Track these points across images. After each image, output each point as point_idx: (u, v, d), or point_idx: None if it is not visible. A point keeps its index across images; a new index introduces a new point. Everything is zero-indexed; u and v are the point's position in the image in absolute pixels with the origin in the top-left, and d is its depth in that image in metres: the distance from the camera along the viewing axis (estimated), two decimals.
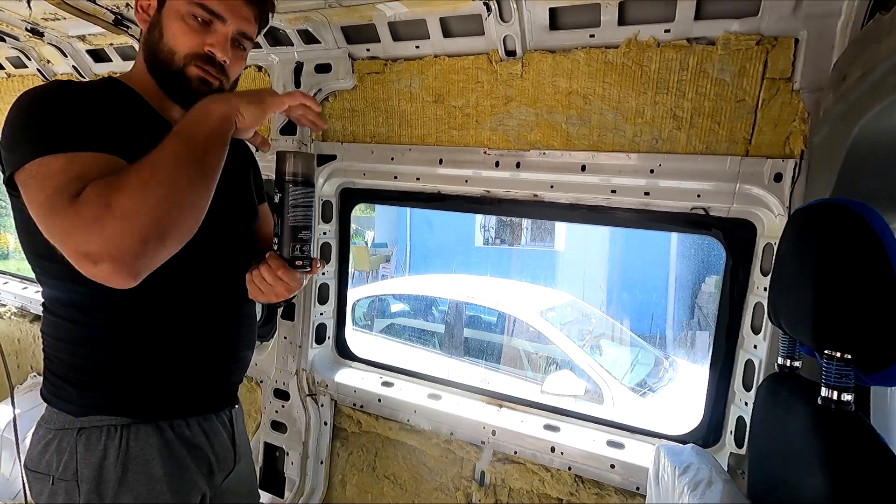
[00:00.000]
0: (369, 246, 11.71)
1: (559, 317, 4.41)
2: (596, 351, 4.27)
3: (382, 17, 1.55)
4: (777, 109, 1.24)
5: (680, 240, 8.02)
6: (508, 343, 4.45)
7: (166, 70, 1.00)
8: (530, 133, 1.52)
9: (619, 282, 8.15)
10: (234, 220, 1.15)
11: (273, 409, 2.04)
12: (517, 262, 9.13)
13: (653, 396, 3.71)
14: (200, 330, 1.07)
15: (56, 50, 2.23)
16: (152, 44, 1.00)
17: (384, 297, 5.31)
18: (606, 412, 3.53)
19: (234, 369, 1.17)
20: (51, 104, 0.87)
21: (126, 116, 0.95)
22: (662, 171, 1.38)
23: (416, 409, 1.80)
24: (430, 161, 1.68)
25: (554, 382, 3.56)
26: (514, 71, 1.49)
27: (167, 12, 0.99)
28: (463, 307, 4.58)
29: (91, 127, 0.86)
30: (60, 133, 0.83)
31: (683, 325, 7.72)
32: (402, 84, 1.67)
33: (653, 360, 4.35)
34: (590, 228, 8.34)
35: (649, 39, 1.33)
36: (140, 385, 1.01)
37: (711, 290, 8.21)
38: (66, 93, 0.89)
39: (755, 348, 1.36)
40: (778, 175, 1.25)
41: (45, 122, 0.84)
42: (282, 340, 2.00)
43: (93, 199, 0.77)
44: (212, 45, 0.99)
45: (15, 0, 1.81)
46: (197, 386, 1.09)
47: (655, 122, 1.37)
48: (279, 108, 1.03)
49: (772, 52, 1.22)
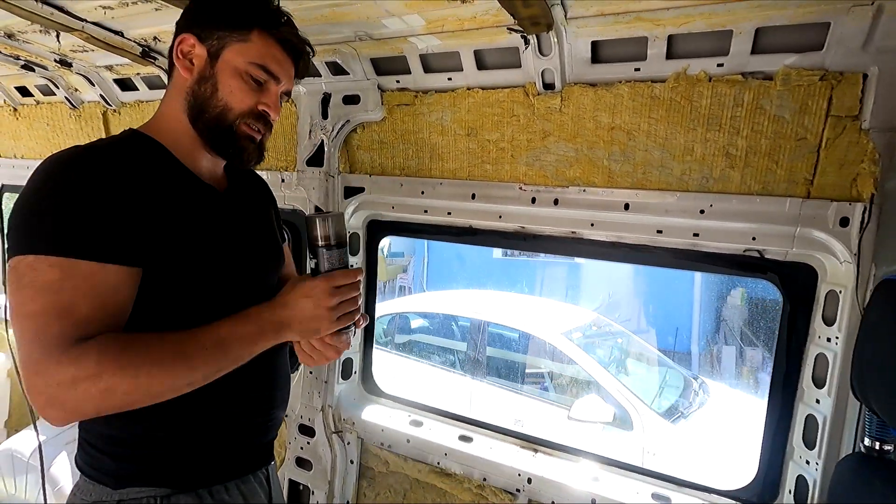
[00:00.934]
0: (385, 255, 11.71)
1: (583, 337, 4.30)
2: (622, 372, 4.15)
3: (414, 50, 1.50)
4: (843, 149, 1.15)
5: None
6: (532, 363, 4.35)
7: (217, 125, 0.98)
8: (569, 169, 1.44)
9: (642, 294, 7.98)
10: (265, 271, 1.13)
11: (298, 445, 1.98)
12: (537, 276, 9.02)
13: (684, 422, 3.57)
14: (237, 391, 1.02)
15: (84, 79, 2.23)
16: (202, 97, 0.97)
17: (404, 314, 5.25)
18: (637, 438, 3.41)
19: (270, 427, 1.13)
20: (63, 190, 0.80)
21: (152, 183, 0.89)
22: (714, 212, 1.29)
23: (447, 452, 1.73)
24: (463, 196, 1.61)
25: (581, 408, 3.45)
26: (553, 105, 1.43)
27: (222, 67, 0.96)
28: (484, 326, 4.49)
29: (104, 221, 0.81)
30: (63, 231, 0.79)
31: (709, 340, 7.51)
32: (433, 116, 1.62)
33: (682, 382, 4.20)
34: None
35: (700, 73, 1.25)
36: (178, 453, 0.97)
37: (737, 303, 7.99)
38: (83, 175, 0.82)
39: (818, 403, 1.26)
40: (844, 219, 1.16)
41: (49, 213, 0.79)
42: (308, 375, 1.95)
43: (86, 364, 0.76)
44: (266, 105, 0.99)
45: (45, 34, 1.81)
46: (235, 449, 1.05)
47: (706, 160, 1.29)
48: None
49: (837, 88, 1.14)
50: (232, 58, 0.96)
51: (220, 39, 0.96)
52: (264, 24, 0.98)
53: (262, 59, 0.97)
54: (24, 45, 1.95)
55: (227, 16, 0.97)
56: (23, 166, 2.81)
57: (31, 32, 1.81)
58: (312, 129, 1.81)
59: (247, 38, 0.97)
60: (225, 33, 0.96)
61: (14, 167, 2.86)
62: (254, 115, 0.99)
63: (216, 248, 0.98)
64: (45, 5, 1.52)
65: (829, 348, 1.24)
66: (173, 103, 1.00)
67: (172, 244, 0.89)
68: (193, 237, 0.93)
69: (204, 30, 0.97)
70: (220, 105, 0.97)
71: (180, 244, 0.91)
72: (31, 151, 2.76)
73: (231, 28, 0.96)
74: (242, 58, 0.96)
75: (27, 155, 2.79)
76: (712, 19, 1.15)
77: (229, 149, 1.01)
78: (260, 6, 0.99)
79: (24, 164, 2.80)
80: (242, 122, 0.99)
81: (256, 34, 0.97)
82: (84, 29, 1.66)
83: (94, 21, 1.64)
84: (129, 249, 0.83)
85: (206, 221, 0.98)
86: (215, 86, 0.96)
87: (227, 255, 1.00)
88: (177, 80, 1.00)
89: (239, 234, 1.06)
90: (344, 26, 1.46)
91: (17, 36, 1.86)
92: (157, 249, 0.87)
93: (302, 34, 1.06)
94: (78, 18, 1.61)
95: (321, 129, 1.79)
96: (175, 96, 1.00)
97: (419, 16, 1.33)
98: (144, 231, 0.85)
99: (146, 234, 0.85)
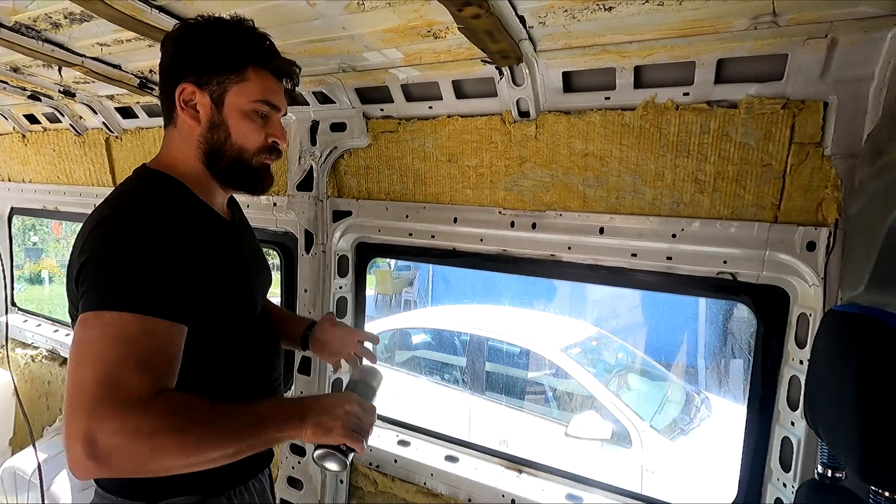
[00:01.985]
0: (392, 269, 11.75)
1: (583, 353, 4.28)
2: (623, 388, 4.12)
3: (395, 80, 1.56)
4: (807, 175, 1.18)
5: None
6: (531, 379, 4.34)
7: (236, 166, 1.03)
8: (546, 194, 1.48)
9: (645, 308, 7.92)
10: (265, 293, 1.24)
11: (290, 464, 2.01)
12: (539, 290, 8.98)
13: (684, 440, 3.53)
14: (253, 389, 1.09)
15: (87, 108, 2.32)
16: (217, 143, 1.01)
17: (405, 329, 5.27)
18: (636, 456, 3.38)
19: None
20: (141, 250, 0.85)
21: (197, 235, 0.95)
22: (685, 236, 1.32)
23: (433, 473, 1.75)
24: (445, 219, 1.65)
25: (579, 425, 3.43)
26: (528, 132, 1.47)
27: (229, 111, 1.00)
28: (484, 342, 4.49)
29: (173, 283, 0.86)
30: (146, 291, 0.83)
31: (715, 353, 7.42)
32: (415, 143, 1.67)
33: (683, 398, 4.16)
34: None
35: (667, 102, 1.28)
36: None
37: (744, 316, 7.88)
38: (155, 236, 0.87)
39: (792, 425, 1.27)
40: (811, 244, 1.18)
41: (132, 272, 0.83)
42: (298, 395, 1.98)
43: (152, 419, 0.77)
44: (274, 136, 1.05)
45: (48, 68, 1.90)
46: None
47: (676, 185, 1.31)
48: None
49: (799, 115, 1.16)
50: (236, 100, 0.99)
51: (219, 84, 0.99)
52: (255, 58, 1.01)
53: (263, 95, 1.01)
54: (29, 78, 2.04)
55: (220, 59, 0.99)
56: (31, 190, 2.91)
57: (35, 66, 1.90)
58: (302, 155, 1.87)
59: (244, 78, 1.00)
60: (223, 77, 0.99)
61: (23, 191, 2.96)
62: (266, 149, 1.05)
63: (242, 280, 1.07)
64: (46, 43, 1.60)
65: (801, 370, 1.24)
66: (185, 149, 1.03)
67: (210, 294, 0.95)
68: (226, 282, 1.00)
69: (201, 76, 0.99)
70: (235, 149, 1.02)
71: (216, 290, 0.97)
72: (38, 175, 2.86)
73: (226, 70, 0.99)
74: (246, 98, 1.00)
75: (34, 179, 2.88)
76: (675, 51, 1.18)
77: (250, 183, 1.07)
78: (246, 41, 1.02)
79: (31, 188, 2.90)
80: (258, 158, 1.05)
81: (251, 71, 1.01)
82: (84, 63, 1.74)
83: (92, 56, 1.71)
84: (188, 309, 0.88)
85: (232, 255, 1.06)
86: (227, 131, 1.00)
87: (249, 283, 1.10)
88: (182, 128, 1.02)
89: (251, 262, 1.16)
90: (328, 59, 1.52)
91: (23, 70, 1.96)
92: (205, 304, 0.93)
93: (285, 54, 1.10)
94: (77, 54, 1.69)
95: (310, 155, 1.85)
96: (184, 143, 1.03)
97: (397, 50, 1.39)
98: (196, 289, 0.90)
99: (196, 293, 0.91)
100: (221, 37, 1.00)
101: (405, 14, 1.19)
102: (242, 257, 1.12)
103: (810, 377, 0.83)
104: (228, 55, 0.99)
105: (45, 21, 1.47)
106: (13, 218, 3.19)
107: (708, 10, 1.04)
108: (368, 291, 2.06)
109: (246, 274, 1.11)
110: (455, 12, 1.09)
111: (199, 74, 0.99)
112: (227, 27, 1.02)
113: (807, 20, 1.02)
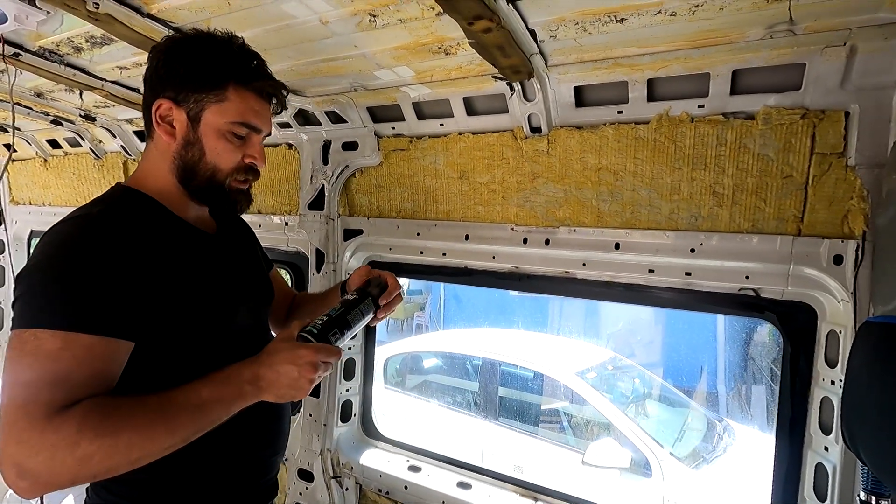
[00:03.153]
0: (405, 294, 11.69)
1: (599, 377, 4.17)
2: (641, 414, 3.98)
3: (406, 98, 1.56)
4: (831, 186, 1.14)
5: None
6: (545, 405, 4.22)
7: (209, 186, 1.00)
8: (559, 210, 1.45)
9: (663, 331, 7.74)
10: (258, 307, 1.18)
11: (297, 490, 1.95)
12: (553, 312, 8.85)
13: (707, 468, 3.38)
14: (244, 429, 1.02)
15: (107, 132, 2.37)
16: (190, 162, 0.98)
17: (417, 353, 5.20)
18: (657, 486, 3.23)
19: (274, 462, 1.15)
20: (67, 264, 0.83)
21: (151, 245, 0.92)
22: (704, 251, 1.28)
23: (445, 500, 1.68)
24: (456, 237, 1.63)
25: (596, 452, 3.30)
26: (540, 147, 1.45)
27: (205, 130, 0.97)
28: (497, 366, 4.41)
29: (105, 298, 0.83)
30: (67, 307, 0.81)
31: (736, 378, 7.19)
32: (427, 160, 1.66)
33: (705, 425, 4.01)
34: None
35: (682, 115, 1.26)
36: (196, 492, 1.00)
37: (766, 340, 7.66)
38: (86, 250, 0.84)
39: (826, 451, 1.19)
40: (838, 257, 1.13)
41: (56, 288, 0.81)
42: (307, 418, 1.94)
43: (67, 432, 0.76)
44: (252, 158, 1.01)
45: (69, 92, 1.95)
46: (245, 486, 1.08)
47: (694, 198, 1.28)
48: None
49: (819, 125, 1.13)
50: (213, 120, 0.96)
51: (196, 102, 0.95)
52: (238, 77, 0.97)
53: (241, 117, 0.97)
54: (51, 103, 2.10)
55: (200, 75, 0.95)
56: (50, 213, 2.96)
57: (58, 91, 1.95)
58: (314, 174, 1.87)
59: (223, 97, 0.96)
60: (201, 95, 0.95)
61: (42, 214, 3.02)
62: (242, 170, 1.02)
63: (210, 294, 1.01)
64: (68, 67, 1.65)
65: (833, 391, 1.18)
66: (160, 163, 1.01)
67: (172, 308, 0.91)
68: (189, 293, 0.95)
69: (179, 92, 0.96)
70: (209, 168, 0.99)
71: (177, 309, 0.93)
72: (58, 199, 2.92)
73: (206, 88, 0.95)
74: (223, 118, 0.96)
75: (54, 202, 2.94)
76: (688, 63, 1.17)
77: (223, 204, 1.04)
78: (229, 58, 0.97)
79: (51, 211, 2.96)
80: (232, 179, 1.01)
81: (232, 90, 0.96)
82: (104, 87, 1.79)
83: (112, 80, 1.76)
84: (128, 324, 0.85)
85: (203, 268, 1.01)
86: (202, 150, 0.97)
87: (219, 295, 1.03)
88: (158, 143, 1.00)
89: (234, 275, 1.10)
90: (340, 78, 1.53)
91: (46, 94, 2.01)
92: (156, 319, 0.89)
93: (295, 86, 1.09)
94: (98, 78, 1.74)
95: (322, 174, 1.85)
96: (160, 158, 1.01)
97: (408, 67, 1.40)
98: (144, 304, 0.87)
99: (146, 307, 0.87)
100: (204, 53, 0.97)
101: (416, 31, 1.20)
102: (219, 269, 1.05)
103: (847, 395, 0.77)
104: (209, 73, 0.96)
105: (68, 45, 1.52)
106: (32, 240, 3.25)
107: (722, 20, 1.03)
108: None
109: (221, 286, 1.04)
110: (466, 27, 1.09)
111: (176, 91, 0.96)
112: (212, 43, 0.98)
113: (824, 28, 1.00)
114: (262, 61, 1.03)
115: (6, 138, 2.82)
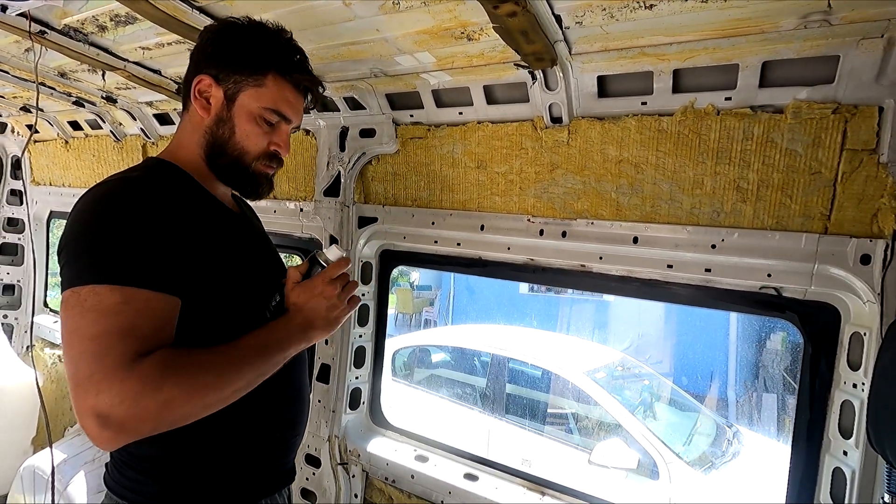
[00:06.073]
0: (414, 288, 11.73)
1: (608, 377, 4.13)
2: (650, 416, 3.94)
3: (426, 85, 1.55)
4: (861, 184, 1.10)
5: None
6: (553, 403, 4.20)
7: (235, 165, 1.03)
8: (577, 202, 1.43)
9: (674, 335, 7.66)
10: (278, 283, 1.17)
11: (304, 475, 1.96)
12: (563, 312, 8.81)
13: (715, 473, 3.34)
14: (267, 409, 1.06)
15: (127, 114, 2.40)
16: (220, 139, 1.02)
17: (425, 347, 5.20)
18: (664, 489, 3.20)
19: (294, 443, 1.16)
20: (117, 222, 0.84)
21: (190, 212, 0.94)
22: (726, 247, 1.25)
23: (451, 491, 1.67)
24: (472, 227, 1.62)
25: (603, 452, 3.28)
26: (561, 138, 1.43)
27: (239, 111, 1.01)
28: (505, 363, 4.39)
29: (155, 254, 0.85)
30: (121, 262, 0.82)
31: (747, 386, 7.09)
32: (444, 149, 1.65)
33: (714, 430, 3.96)
34: None
35: (707, 107, 1.23)
36: (220, 472, 1.00)
37: (778, 348, 7.56)
38: (133, 208, 0.86)
39: (845, 455, 1.16)
40: (865, 257, 1.10)
41: (107, 244, 0.82)
42: (316, 404, 1.94)
43: (150, 378, 0.77)
44: (278, 145, 1.05)
45: (92, 73, 1.97)
46: (268, 466, 1.08)
47: (717, 193, 1.25)
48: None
49: (851, 121, 1.10)
50: (248, 102, 1.00)
51: (236, 83, 1.00)
52: (279, 67, 1.02)
53: (275, 104, 1.02)
54: (74, 83, 2.12)
55: (244, 59, 1.00)
56: (69, 194, 3.01)
57: (81, 71, 1.97)
58: (330, 160, 1.87)
59: (262, 83, 1.01)
60: (241, 77, 1.00)
61: (62, 195, 3.06)
62: (268, 156, 1.05)
63: (245, 269, 1.04)
64: (92, 46, 1.66)
65: (855, 395, 1.15)
66: (192, 137, 1.05)
67: (210, 274, 0.94)
68: (227, 262, 0.99)
69: (221, 71, 1.01)
70: (237, 149, 1.02)
71: (217, 272, 0.96)
72: (77, 180, 2.96)
73: (247, 72, 1.00)
74: (257, 103, 1.00)
75: (74, 184, 2.98)
76: (717, 54, 1.14)
77: (246, 186, 1.08)
78: (274, 48, 1.03)
79: (70, 192, 3.00)
80: (258, 163, 1.05)
81: (271, 78, 1.01)
82: (126, 68, 1.80)
83: (134, 61, 1.77)
84: (178, 282, 0.87)
85: (234, 244, 1.04)
86: (232, 129, 1.01)
87: (252, 272, 1.06)
88: (193, 117, 1.04)
89: (258, 253, 1.14)
90: (360, 64, 1.52)
91: (69, 75, 2.03)
92: (197, 279, 0.91)
93: (315, 71, 1.11)
94: (120, 58, 1.75)
95: (338, 160, 1.85)
96: (192, 131, 1.05)
97: (429, 53, 1.38)
98: (187, 263, 0.89)
99: (189, 266, 0.89)
100: (252, 39, 1.02)
101: (439, 14, 1.18)
102: (249, 242, 1.10)
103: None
104: (253, 57, 1.00)
105: (92, 24, 1.52)
106: (52, 221, 3.30)
107: (755, 8, 1.00)
108: (389, 309, 2.03)
109: (258, 263, 1.09)
110: (491, 10, 1.07)
111: (219, 69, 1.01)
112: (261, 31, 1.03)
113: (861, 18, 0.97)
114: (306, 58, 1.08)
115: (29, 119, 2.87)
